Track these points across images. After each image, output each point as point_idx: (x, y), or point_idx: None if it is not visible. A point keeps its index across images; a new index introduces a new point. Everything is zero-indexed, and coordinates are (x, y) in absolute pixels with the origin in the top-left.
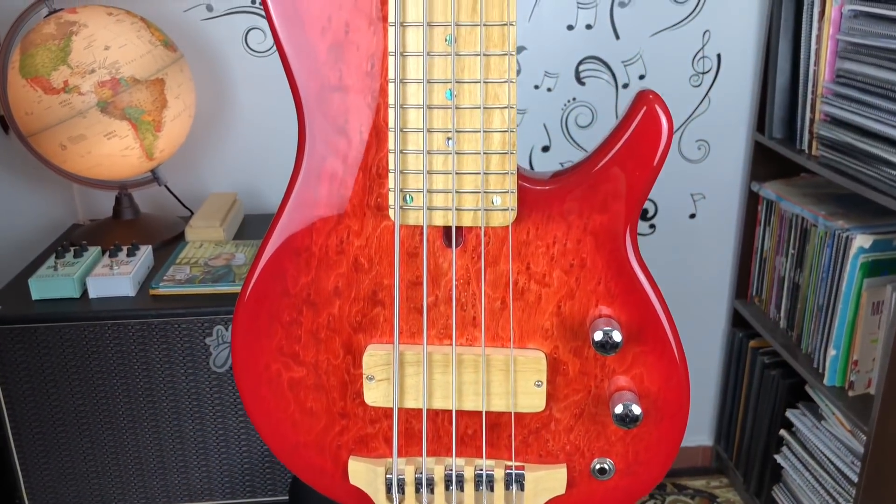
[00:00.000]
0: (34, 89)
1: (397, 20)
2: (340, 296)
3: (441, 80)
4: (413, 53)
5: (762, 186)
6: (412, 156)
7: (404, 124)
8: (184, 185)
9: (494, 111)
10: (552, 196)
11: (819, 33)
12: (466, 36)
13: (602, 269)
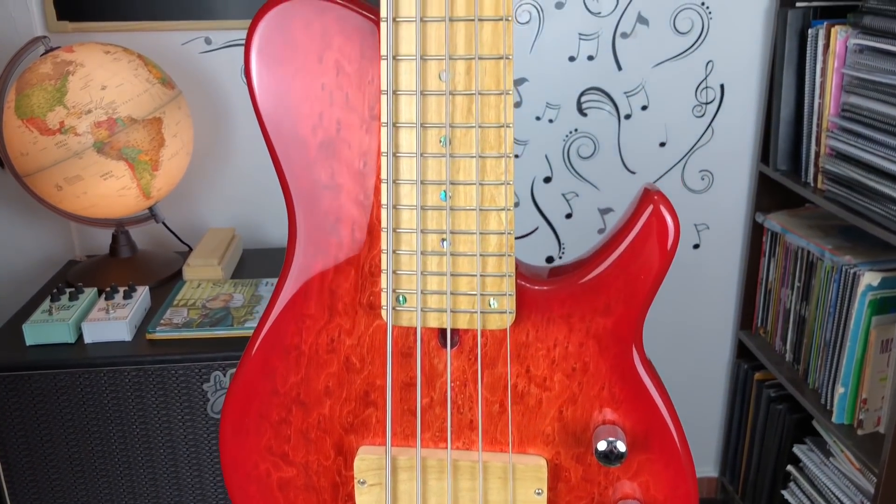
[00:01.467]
0: (30, 130)
1: (389, 120)
2: (331, 396)
3: (435, 182)
4: (406, 154)
5: (767, 218)
6: (406, 256)
7: (398, 224)
8: (182, 220)
9: (491, 213)
10: (553, 297)
11: (824, 66)
12: (462, 137)
13: (606, 373)
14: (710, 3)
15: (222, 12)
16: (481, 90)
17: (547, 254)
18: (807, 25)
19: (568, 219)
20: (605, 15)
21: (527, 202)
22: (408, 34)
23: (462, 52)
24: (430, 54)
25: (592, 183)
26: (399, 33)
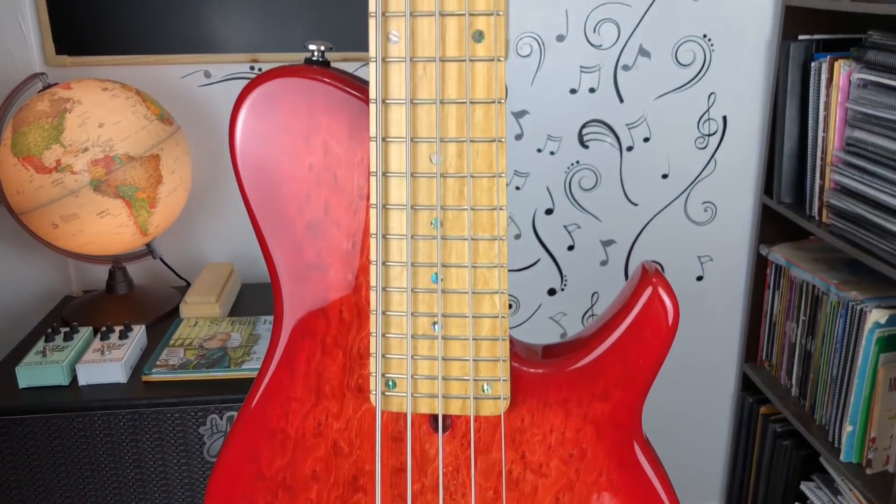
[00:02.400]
0: (26, 168)
1: (379, 202)
2: (318, 481)
3: (426, 264)
4: (396, 236)
5: (771, 250)
6: (396, 339)
7: (387, 307)
8: (179, 253)
9: (484, 296)
10: (549, 381)
11: (827, 100)
12: (454, 219)
13: (604, 459)
14: (712, 35)
15: (222, 45)
16: (473, 173)
17: (549, 286)
18: (809, 58)
19: (570, 251)
20: (607, 48)
21: (528, 234)
22: (398, 116)
23: (453, 134)
24: (420, 136)
25: (594, 215)
26: (389, 115)
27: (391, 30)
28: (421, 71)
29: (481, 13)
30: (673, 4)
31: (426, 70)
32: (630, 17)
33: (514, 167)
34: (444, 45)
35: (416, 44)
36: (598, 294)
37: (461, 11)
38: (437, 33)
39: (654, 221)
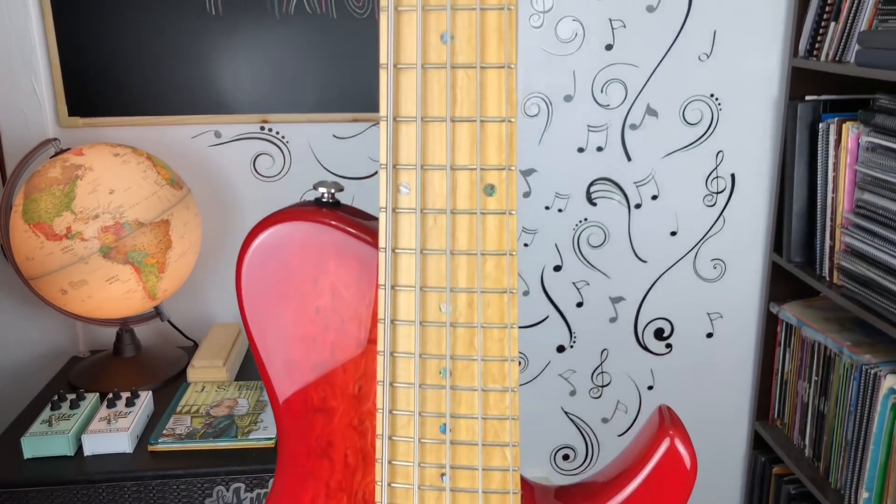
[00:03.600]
0: (36, 235)
1: (387, 350)
2: None
3: (434, 414)
4: (404, 384)
5: (781, 308)
6: (402, 489)
7: (393, 456)
8: (187, 313)
9: (495, 449)
10: None
11: (836, 161)
12: (463, 369)
13: None
14: (720, 94)
15: (233, 106)
16: (484, 323)
17: (557, 343)
18: (817, 119)
19: (579, 307)
20: (614, 107)
21: (537, 291)
22: (407, 265)
23: (464, 284)
24: (430, 285)
25: (603, 272)
26: (398, 263)
27: (402, 181)
28: (431, 222)
29: (493, 168)
30: (680, 65)
31: (437, 221)
32: (637, 78)
33: (522, 224)
34: (455, 197)
35: (427, 196)
36: (607, 351)
37: (472, 166)
38: (448, 186)
39: (664, 278)
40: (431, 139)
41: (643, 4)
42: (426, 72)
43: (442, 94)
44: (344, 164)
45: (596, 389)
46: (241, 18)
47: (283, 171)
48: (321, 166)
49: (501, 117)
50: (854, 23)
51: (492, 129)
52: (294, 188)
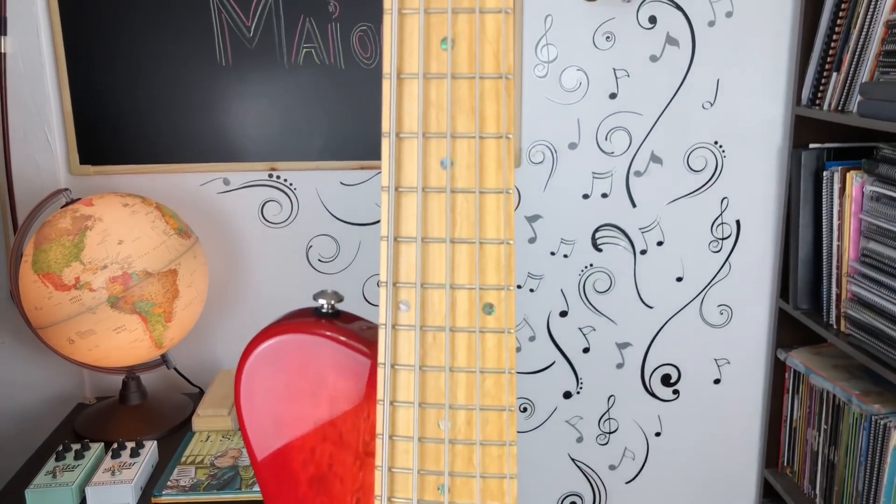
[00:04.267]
0: (45, 285)
1: (385, 465)
2: None
3: None
4: (402, 500)
5: (789, 355)
6: None
7: None
8: (193, 359)
9: None
10: None
11: (841, 209)
12: (462, 486)
13: None
14: (724, 141)
15: (241, 154)
16: (483, 441)
17: (564, 389)
18: (821, 167)
19: (585, 353)
20: (619, 154)
21: (543, 336)
22: (406, 381)
23: (463, 401)
24: (429, 402)
25: (609, 317)
26: (397, 379)
27: (402, 298)
28: (431, 339)
29: (492, 287)
30: (684, 113)
31: (436, 338)
32: (641, 125)
33: (527, 269)
34: (454, 315)
35: (427, 313)
36: (614, 397)
37: (472, 285)
38: (447, 304)
39: (670, 324)
40: (431, 258)
41: (646, 54)
42: (427, 195)
43: (442, 216)
44: (351, 210)
45: (603, 436)
46: (251, 68)
47: (291, 217)
48: (328, 213)
49: (500, 239)
50: (856, 73)
51: (491, 251)
52: (301, 234)
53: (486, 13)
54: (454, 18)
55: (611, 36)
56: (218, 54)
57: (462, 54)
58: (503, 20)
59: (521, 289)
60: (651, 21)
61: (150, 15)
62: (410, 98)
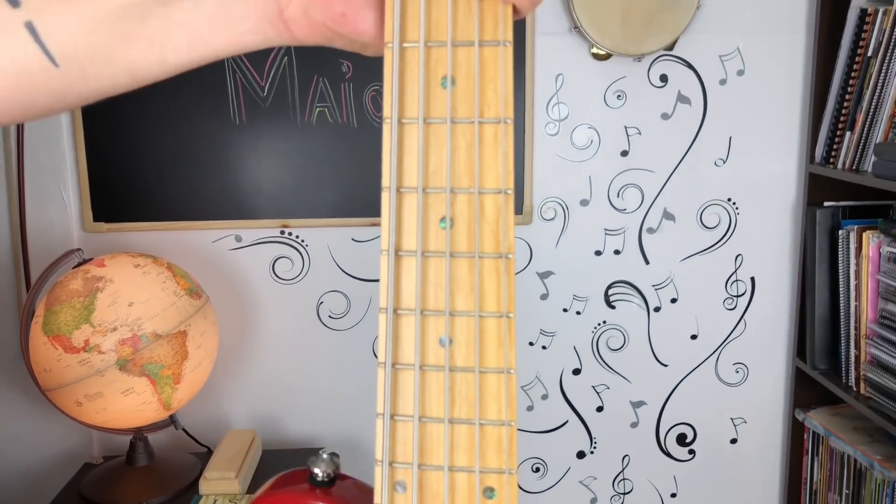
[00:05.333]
0: (55, 347)
1: None
2: None
3: None
4: None
5: (807, 416)
6: None
7: None
8: (201, 418)
9: None
10: None
11: (858, 269)
12: None
13: None
14: (737, 199)
15: (253, 212)
16: None
17: (577, 448)
18: (836, 225)
19: (599, 412)
20: (631, 211)
21: (556, 395)
22: None
23: None
24: None
25: (623, 375)
26: None
27: (398, 478)
28: None
29: (493, 471)
30: (696, 170)
31: None
32: (653, 182)
33: (540, 327)
34: (453, 498)
35: (424, 495)
36: (629, 457)
37: (471, 468)
38: (445, 487)
39: (685, 382)
40: (429, 438)
41: (658, 112)
42: (424, 373)
43: (440, 395)
44: (361, 266)
45: (617, 497)
46: (264, 127)
47: (302, 274)
48: (339, 269)
49: (502, 421)
50: (870, 133)
51: (492, 432)
52: (312, 291)
53: (485, 194)
54: (452, 198)
55: (622, 94)
56: (232, 113)
57: (461, 235)
58: (502, 201)
59: (533, 346)
60: (662, 80)
61: None
62: (409, 274)
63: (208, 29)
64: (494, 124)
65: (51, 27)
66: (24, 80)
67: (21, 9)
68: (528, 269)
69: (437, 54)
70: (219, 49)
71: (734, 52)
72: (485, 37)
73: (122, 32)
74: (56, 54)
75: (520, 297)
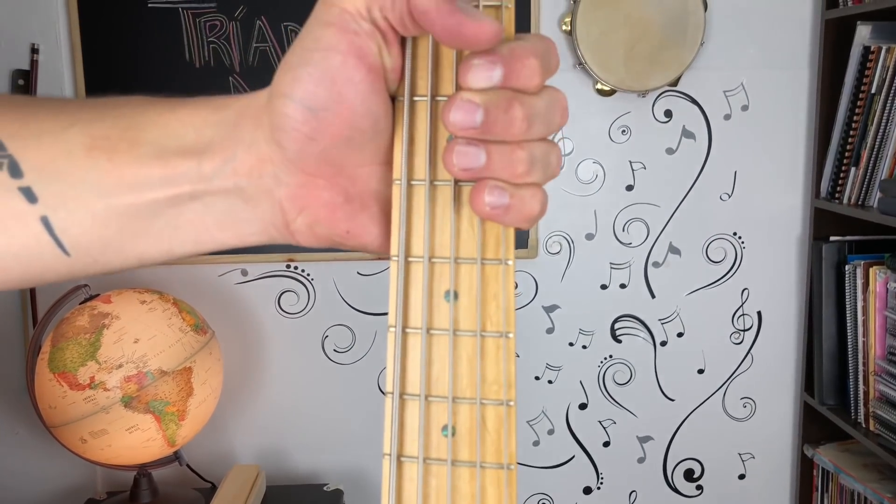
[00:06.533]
0: (60, 384)
1: None
2: None
3: None
4: None
5: (816, 452)
6: None
7: None
8: (206, 452)
9: None
10: None
11: (865, 304)
12: None
13: None
14: (742, 233)
15: (259, 247)
16: None
17: (584, 484)
18: (843, 260)
19: (605, 447)
20: (636, 245)
21: (562, 430)
22: None
23: None
24: None
25: (630, 410)
26: None
27: None
28: None
29: None
30: (701, 204)
31: None
32: (659, 217)
33: (546, 361)
34: None
35: None
36: (636, 493)
37: None
38: None
39: (692, 417)
40: None
41: (663, 147)
42: None
43: None
44: (367, 300)
45: None
46: None
47: (308, 307)
48: (345, 302)
49: None
50: (874, 169)
51: None
52: (317, 325)
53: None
54: (455, 407)
55: (626, 129)
56: None
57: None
58: (504, 413)
59: (539, 380)
60: (667, 115)
61: None
62: (411, 481)
63: (216, 228)
64: (496, 338)
65: (65, 223)
66: (34, 265)
67: (38, 204)
68: (534, 303)
69: (441, 269)
70: (226, 243)
71: (738, 88)
72: (487, 255)
73: (133, 229)
74: (68, 246)
75: (526, 331)
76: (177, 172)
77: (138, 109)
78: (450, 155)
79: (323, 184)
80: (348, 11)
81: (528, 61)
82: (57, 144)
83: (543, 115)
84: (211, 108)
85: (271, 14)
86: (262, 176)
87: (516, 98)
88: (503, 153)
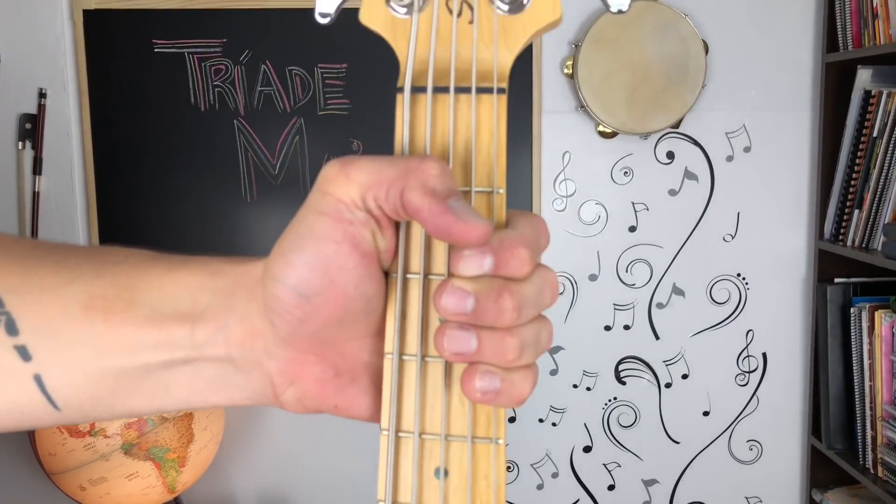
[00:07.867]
0: (60, 431)
1: None
2: None
3: None
4: None
5: (825, 497)
6: None
7: None
8: (208, 498)
9: None
10: None
11: (871, 348)
12: None
13: None
14: (747, 274)
15: None
16: None
17: None
18: (848, 302)
19: (610, 490)
20: (640, 286)
21: (566, 473)
22: None
23: None
24: None
25: (635, 453)
26: None
27: None
28: None
29: None
30: (705, 245)
31: None
32: (662, 258)
33: (549, 403)
34: None
35: None
36: None
37: None
38: None
39: (698, 460)
40: None
41: (665, 188)
42: None
43: None
44: None
45: None
46: (275, 204)
47: None
48: None
49: None
50: (878, 212)
51: None
52: None
53: None
54: None
55: (629, 171)
56: (243, 190)
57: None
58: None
59: (542, 423)
60: (669, 157)
61: (178, 155)
62: None
63: (207, 390)
64: None
65: (58, 381)
66: (26, 419)
67: (32, 362)
68: None
69: (431, 446)
70: (217, 404)
71: (740, 129)
72: (478, 433)
73: (125, 388)
74: (60, 403)
75: None
76: (171, 338)
77: (138, 268)
78: (441, 338)
79: (313, 359)
80: (343, 202)
81: (517, 251)
82: (56, 302)
83: (533, 300)
84: (208, 273)
85: (276, 58)
86: (253, 349)
87: (506, 288)
88: (494, 339)
